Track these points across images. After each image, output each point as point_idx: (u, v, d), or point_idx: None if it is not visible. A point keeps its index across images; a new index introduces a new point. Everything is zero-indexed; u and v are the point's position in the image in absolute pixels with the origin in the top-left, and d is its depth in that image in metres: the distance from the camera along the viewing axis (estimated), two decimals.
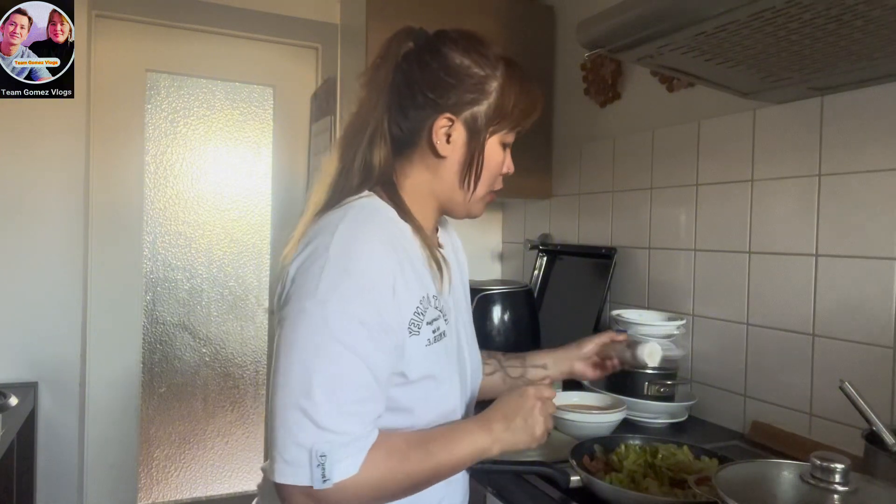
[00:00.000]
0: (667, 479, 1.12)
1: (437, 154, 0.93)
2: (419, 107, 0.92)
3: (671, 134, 1.76)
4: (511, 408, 0.93)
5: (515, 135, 0.99)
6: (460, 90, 0.92)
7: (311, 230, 0.87)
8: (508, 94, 0.94)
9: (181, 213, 2.40)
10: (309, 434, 0.78)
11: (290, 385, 0.79)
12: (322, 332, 0.80)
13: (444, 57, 0.93)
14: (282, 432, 0.79)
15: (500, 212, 2.63)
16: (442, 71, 0.92)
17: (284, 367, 0.80)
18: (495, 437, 0.90)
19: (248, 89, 2.48)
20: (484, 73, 0.93)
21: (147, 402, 2.36)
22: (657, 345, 1.21)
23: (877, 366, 1.25)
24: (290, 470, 0.78)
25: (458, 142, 0.93)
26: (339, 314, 0.80)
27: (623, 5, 1.11)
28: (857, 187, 1.31)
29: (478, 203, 0.99)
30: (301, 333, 0.80)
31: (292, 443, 0.78)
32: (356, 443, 0.80)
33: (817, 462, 0.81)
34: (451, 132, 0.93)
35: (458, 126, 0.93)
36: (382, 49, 0.96)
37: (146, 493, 2.38)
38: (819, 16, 0.93)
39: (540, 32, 2.26)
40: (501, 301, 1.85)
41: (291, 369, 0.80)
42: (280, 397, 0.80)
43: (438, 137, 0.92)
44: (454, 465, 0.88)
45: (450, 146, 0.93)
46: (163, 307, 2.38)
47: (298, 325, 0.80)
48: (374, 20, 2.02)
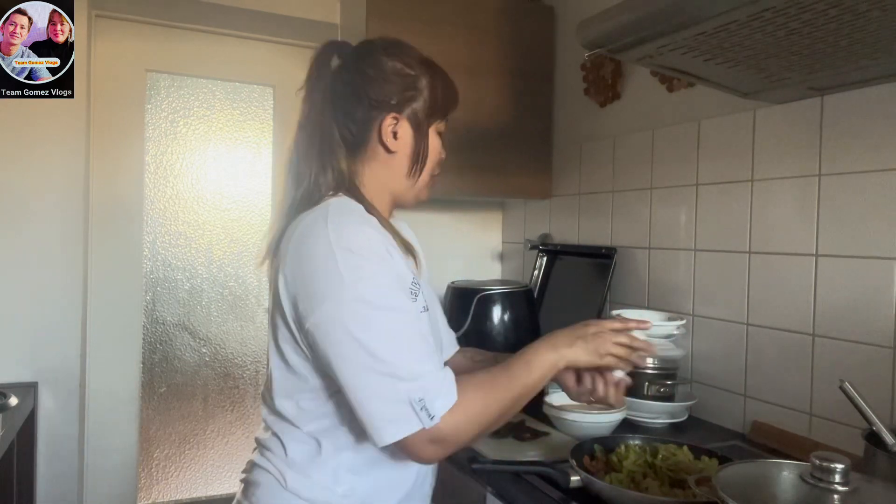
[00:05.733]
0: (667, 479, 1.12)
1: (388, 150, 1.04)
2: (366, 111, 1.02)
3: (671, 134, 1.76)
4: (575, 332, 1.03)
5: (445, 123, 1.11)
6: (399, 91, 1.03)
7: (296, 231, 0.94)
8: (436, 88, 1.06)
9: (181, 213, 2.39)
10: (397, 388, 0.86)
11: (359, 362, 0.87)
12: (363, 309, 0.88)
13: (380, 63, 1.03)
14: (373, 400, 0.87)
15: (500, 212, 2.63)
16: (381, 76, 1.02)
17: (348, 352, 0.87)
18: (560, 353, 1.00)
19: (248, 89, 2.48)
20: (414, 73, 1.04)
21: (147, 402, 2.36)
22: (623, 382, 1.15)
23: (877, 366, 1.25)
24: (396, 426, 0.86)
25: (405, 137, 1.04)
26: (365, 287, 0.88)
27: (623, 5, 1.11)
28: (857, 187, 1.31)
29: (423, 189, 1.10)
30: (348, 321, 0.87)
31: (387, 403, 0.86)
32: (440, 378, 0.89)
33: (817, 462, 0.81)
34: (398, 129, 1.03)
35: (403, 123, 1.04)
36: (314, 63, 1.05)
37: (146, 493, 2.38)
38: (819, 16, 0.93)
39: (540, 32, 2.26)
40: (501, 301, 1.85)
41: (355, 351, 0.87)
42: (356, 377, 0.87)
43: (387, 135, 1.03)
44: (535, 382, 0.98)
45: (398, 142, 1.04)
46: (163, 307, 2.38)
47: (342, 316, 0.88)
48: (374, 20, 2.02)
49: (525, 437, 1.43)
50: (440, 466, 1.50)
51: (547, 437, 1.45)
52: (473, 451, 1.37)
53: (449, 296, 1.94)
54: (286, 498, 0.97)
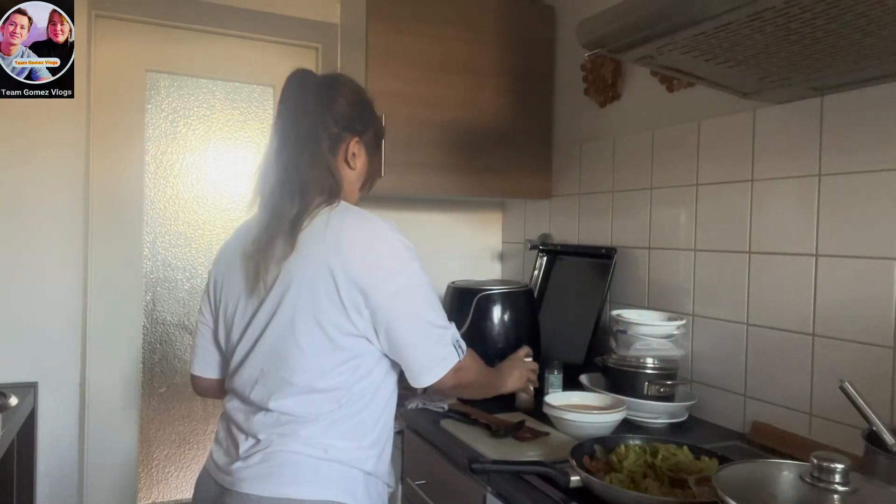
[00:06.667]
0: (667, 479, 1.12)
1: (350, 168, 1.22)
2: (337, 133, 1.19)
3: (671, 134, 1.76)
4: (508, 365, 1.49)
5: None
6: (362, 118, 1.23)
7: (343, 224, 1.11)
8: (379, 122, 1.30)
9: (181, 213, 2.40)
10: (444, 336, 1.16)
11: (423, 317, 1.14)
12: (423, 280, 1.15)
13: (348, 94, 1.22)
14: (429, 345, 1.13)
15: (500, 212, 2.63)
16: (348, 106, 1.21)
17: (418, 310, 1.13)
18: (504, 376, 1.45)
19: (248, 89, 2.48)
20: (370, 103, 1.26)
21: (147, 402, 2.36)
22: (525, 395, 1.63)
23: (877, 366, 1.25)
24: (447, 361, 1.15)
25: (361, 159, 1.24)
26: (418, 266, 1.15)
27: (623, 5, 1.11)
28: (857, 187, 1.31)
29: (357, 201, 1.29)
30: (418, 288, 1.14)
31: (439, 346, 1.14)
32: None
33: (817, 462, 0.81)
34: (357, 151, 1.22)
35: (361, 147, 1.23)
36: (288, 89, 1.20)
37: (146, 493, 2.38)
38: (819, 16, 0.93)
39: (540, 32, 2.26)
40: (501, 301, 1.85)
41: (424, 310, 1.14)
42: (419, 330, 1.13)
43: (350, 156, 1.21)
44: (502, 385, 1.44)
45: (358, 161, 1.23)
46: (163, 307, 2.38)
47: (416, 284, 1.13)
48: (374, 20, 2.02)
49: (525, 437, 1.43)
50: (440, 466, 1.50)
51: (547, 437, 1.45)
52: (473, 451, 1.37)
53: (449, 296, 1.94)
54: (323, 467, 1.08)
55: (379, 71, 2.01)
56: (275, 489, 1.05)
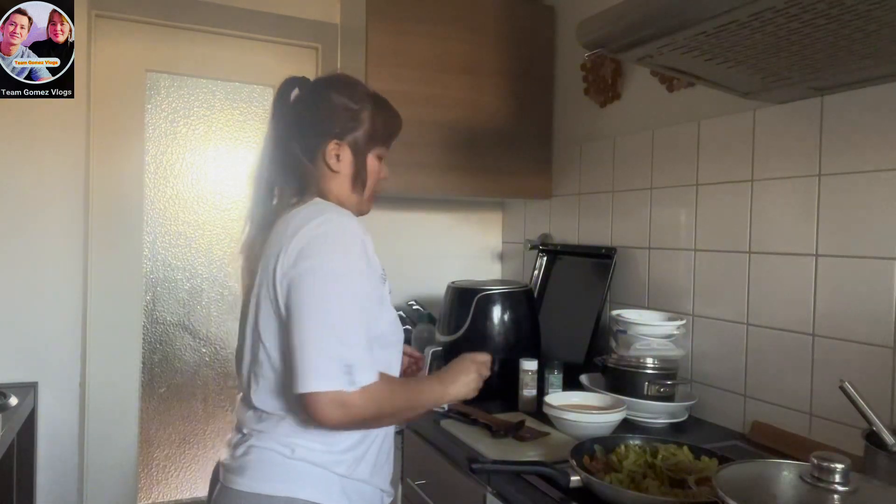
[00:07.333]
0: (667, 479, 1.12)
1: (331, 170, 1.20)
2: (315, 137, 1.19)
3: (671, 134, 1.76)
4: (456, 370, 1.22)
5: (387, 149, 1.27)
6: (342, 121, 1.19)
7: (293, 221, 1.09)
8: (377, 120, 1.22)
9: (181, 213, 2.39)
10: (338, 350, 1.00)
11: (317, 317, 1.01)
12: (337, 275, 1.04)
13: (328, 98, 1.20)
14: (313, 352, 1.00)
15: (500, 212, 2.63)
16: (327, 109, 1.19)
17: (314, 303, 1.02)
18: (445, 388, 1.19)
19: (248, 89, 2.48)
20: (357, 107, 1.20)
21: (147, 402, 2.36)
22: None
23: (877, 366, 1.25)
24: (324, 380, 0.99)
25: (346, 160, 1.20)
26: (343, 261, 1.06)
27: (623, 5, 1.11)
28: (857, 187, 1.31)
29: (367, 203, 1.26)
30: (323, 278, 1.03)
31: (324, 358, 0.99)
32: (371, 358, 1.04)
33: (817, 462, 0.81)
34: (340, 153, 1.19)
35: (345, 148, 1.20)
36: (278, 95, 1.22)
37: (146, 493, 2.38)
38: (819, 16, 0.93)
39: (540, 32, 2.26)
40: (501, 301, 1.85)
41: (318, 306, 1.02)
42: (310, 329, 1.01)
43: (330, 158, 1.19)
44: (422, 406, 1.17)
45: (340, 163, 1.20)
46: (163, 307, 2.38)
47: (322, 272, 1.03)
48: (374, 20, 2.02)
49: (525, 437, 1.43)
50: (440, 466, 1.50)
51: (547, 437, 1.45)
52: (473, 451, 1.37)
53: (449, 296, 1.93)
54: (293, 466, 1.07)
55: (379, 71, 2.01)
56: (249, 484, 1.08)
